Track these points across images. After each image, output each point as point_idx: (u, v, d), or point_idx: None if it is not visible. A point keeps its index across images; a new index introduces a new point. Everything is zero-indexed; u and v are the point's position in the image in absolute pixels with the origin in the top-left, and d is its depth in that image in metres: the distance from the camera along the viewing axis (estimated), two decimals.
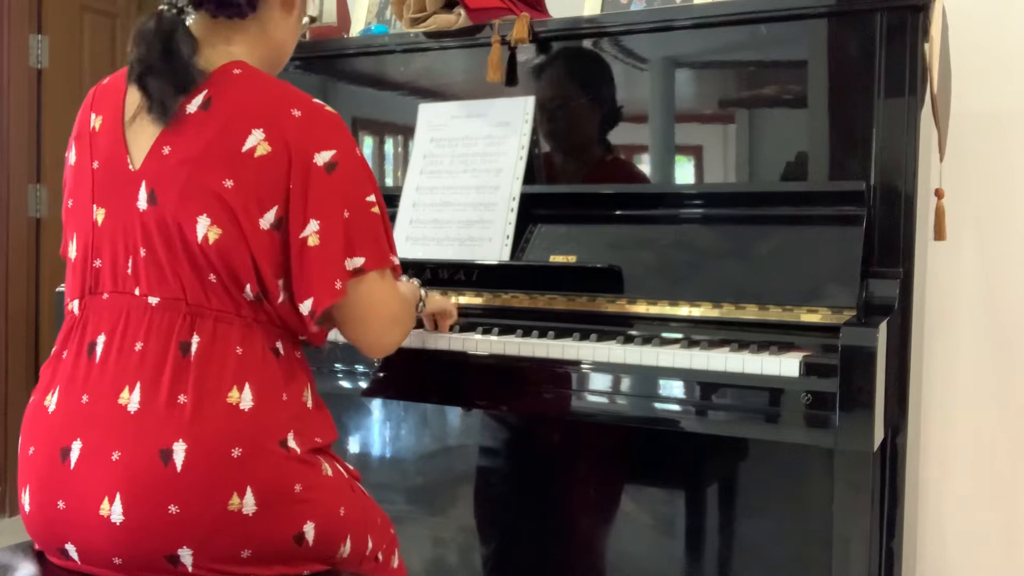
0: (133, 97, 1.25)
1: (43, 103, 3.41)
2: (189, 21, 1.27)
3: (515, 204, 1.76)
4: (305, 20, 1.45)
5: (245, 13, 1.28)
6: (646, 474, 1.88)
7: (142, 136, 1.23)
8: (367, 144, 2.13)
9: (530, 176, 1.80)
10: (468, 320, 1.71)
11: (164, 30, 1.23)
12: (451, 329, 1.66)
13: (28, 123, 3.39)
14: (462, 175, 1.83)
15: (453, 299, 1.78)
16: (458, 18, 1.96)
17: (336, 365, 1.71)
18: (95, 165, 1.26)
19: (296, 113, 1.22)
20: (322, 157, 1.21)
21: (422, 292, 1.54)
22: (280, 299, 1.23)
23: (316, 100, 1.26)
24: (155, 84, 1.22)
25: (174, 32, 1.23)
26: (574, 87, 1.91)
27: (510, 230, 1.75)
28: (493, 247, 1.75)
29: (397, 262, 1.31)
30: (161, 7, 1.27)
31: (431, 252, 1.81)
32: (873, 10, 1.58)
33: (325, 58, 2.11)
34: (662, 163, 1.82)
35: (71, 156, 1.31)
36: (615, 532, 1.91)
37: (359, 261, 1.24)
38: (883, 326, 1.37)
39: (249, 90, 1.23)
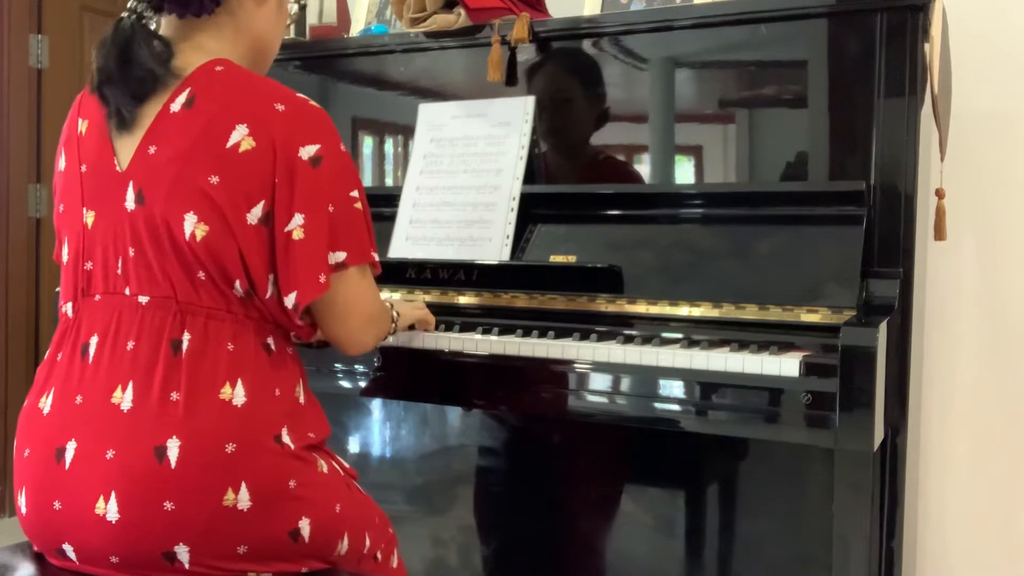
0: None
1: (43, 103, 3.41)
2: (156, 24, 1.27)
3: (515, 204, 1.75)
4: (293, 8, 1.44)
5: (211, 9, 1.27)
6: (646, 474, 1.88)
7: (128, 138, 1.23)
8: (367, 144, 2.13)
9: (530, 176, 1.80)
10: (468, 320, 1.70)
11: (121, 38, 1.23)
12: (449, 329, 1.66)
13: (28, 123, 3.39)
14: (462, 175, 1.83)
15: (452, 299, 1.78)
16: (458, 18, 1.96)
17: (336, 365, 1.71)
18: (83, 169, 1.26)
19: (280, 108, 1.21)
20: (307, 151, 1.21)
21: (394, 313, 1.51)
22: (268, 294, 1.22)
23: (300, 95, 1.25)
24: (112, 92, 1.23)
25: (131, 39, 1.23)
26: (574, 87, 1.91)
27: (510, 230, 1.74)
28: (493, 247, 1.75)
29: (377, 259, 1.31)
30: (121, 15, 1.27)
31: (431, 252, 1.81)
32: (873, 10, 1.58)
33: (325, 58, 2.11)
34: (662, 163, 1.82)
35: (60, 162, 1.31)
36: (615, 532, 1.91)
37: (341, 256, 1.24)
38: (883, 326, 1.37)
39: (232, 86, 1.23)
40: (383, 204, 1.86)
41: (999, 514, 2.13)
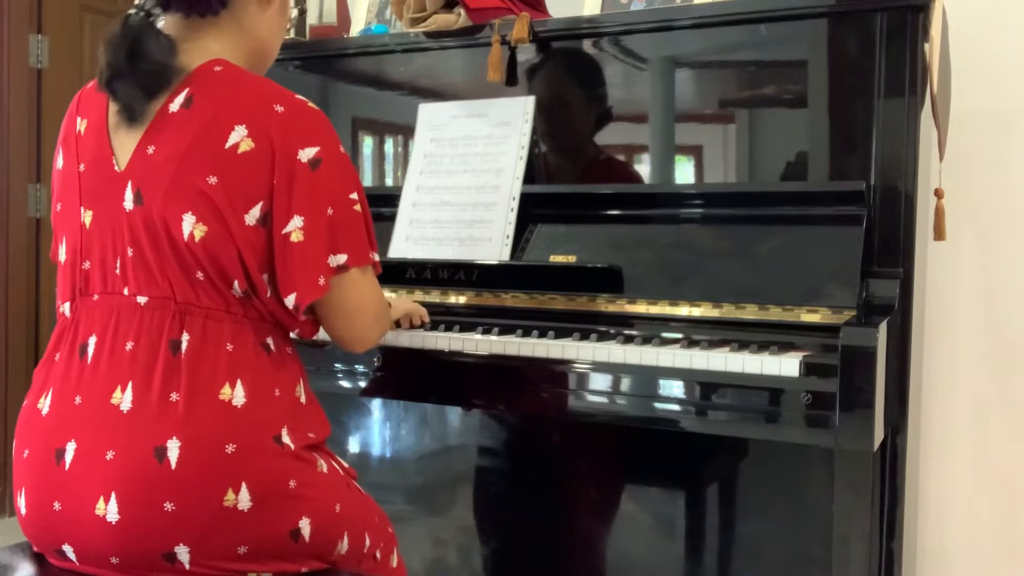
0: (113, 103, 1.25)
1: (43, 103, 3.41)
2: (161, 23, 1.27)
3: (515, 204, 1.76)
4: (293, 12, 1.44)
5: (216, 10, 1.28)
6: (646, 474, 1.88)
7: (127, 137, 1.23)
8: (367, 144, 2.13)
9: (530, 176, 1.80)
10: (468, 320, 1.70)
11: (130, 34, 1.23)
12: (449, 329, 1.66)
13: (28, 123, 3.39)
14: (462, 175, 1.83)
15: (452, 299, 1.79)
16: (458, 18, 1.96)
17: (336, 365, 1.71)
18: (81, 168, 1.26)
19: (279, 109, 1.22)
20: (306, 154, 1.21)
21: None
22: (268, 294, 1.23)
23: (299, 97, 1.26)
24: (121, 88, 1.23)
25: (140, 35, 1.23)
26: (574, 87, 1.91)
27: (510, 230, 1.74)
28: (493, 247, 1.75)
29: (377, 259, 1.32)
30: (128, 11, 1.27)
31: (431, 252, 1.81)
32: (873, 10, 1.58)
33: (325, 58, 2.11)
34: (662, 163, 1.82)
35: (59, 160, 1.31)
36: (615, 532, 1.91)
37: (342, 258, 1.24)
38: (883, 326, 1.37)
39: (231, 87, 1.23)
40: (383, 204, 1.86)
41: (999, 514, 2.13)
